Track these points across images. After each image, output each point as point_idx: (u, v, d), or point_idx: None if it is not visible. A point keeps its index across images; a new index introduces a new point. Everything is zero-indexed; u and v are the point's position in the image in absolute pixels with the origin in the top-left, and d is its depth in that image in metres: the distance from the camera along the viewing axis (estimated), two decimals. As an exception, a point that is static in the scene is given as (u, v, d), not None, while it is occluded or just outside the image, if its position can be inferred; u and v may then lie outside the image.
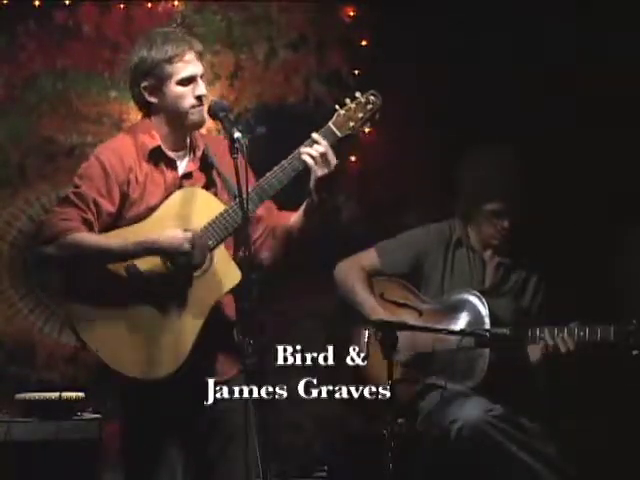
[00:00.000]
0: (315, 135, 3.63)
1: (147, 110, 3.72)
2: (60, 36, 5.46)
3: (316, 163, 3.60)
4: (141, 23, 5.49)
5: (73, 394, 4.74)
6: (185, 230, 3.60)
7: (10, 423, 4.63)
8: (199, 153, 3.73)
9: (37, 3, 5.42)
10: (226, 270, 3.61)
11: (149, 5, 5.52)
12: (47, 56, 5.45)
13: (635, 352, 4.25)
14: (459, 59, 5.50)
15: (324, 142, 3.62)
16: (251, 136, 5.31)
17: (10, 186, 5.43)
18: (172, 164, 3.70)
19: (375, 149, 5.55)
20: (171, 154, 3.70)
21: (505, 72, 5.42)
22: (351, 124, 3.67)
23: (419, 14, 5.54)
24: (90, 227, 3.59)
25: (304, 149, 3.63)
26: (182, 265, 3.59)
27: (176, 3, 5.54)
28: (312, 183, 3.64)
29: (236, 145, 3.48)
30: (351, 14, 5.67)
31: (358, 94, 3.70)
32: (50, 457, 4.58)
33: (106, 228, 3.63)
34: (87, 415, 4.74)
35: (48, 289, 5.34)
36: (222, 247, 3.64)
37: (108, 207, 3.61)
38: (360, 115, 3.68)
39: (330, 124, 3.66)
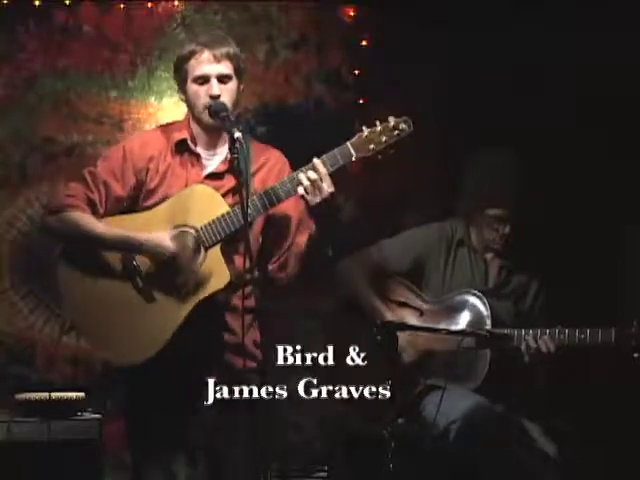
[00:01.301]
0: (316, 160, 3.61)
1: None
2: (60, 36, 5.46)
3: (307, 192, 3.59)
4: (141, 23, 5.49)
5: (73, 394, 4.74)
6: (175, 230, 3.62)
7: (10, 423, 4.63)
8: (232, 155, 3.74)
9: (37, 3, 5.42)
10: (216, 272, 3.62)
11: (149, 5, 5.52)
12: (47, 56, 5.45)
13: (636, 355, 4.25)
14: (459, 59, 5.50)
15: (322, 169, 3.59)
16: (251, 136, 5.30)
17: (10, 186, 5.43)
18: (198, 160, 3.73)
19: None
20: (198, 150, 3.73)
21: (505, 72, 5.42)
22: (371, 147, 3.63)
23: (419, 14, 5.54)
24: (93, 207, 3.66)
25: (300, 174, 3.61)
26: (167, 266, 3.61)
27: (176, 3, 5.54)
28: (306, 209, 3.65)
29: (236, 145, 3.49)
30: (351, 14, 5.67)
31: (391, 118, 3.65)
32: (50, 457, 4.58)
33: (117, 212, 3.69)
34: (87, 415, 4.74)
35: (50, 289, 5.34)
36: (217, 248, 3.64)
37: (118, 190, 3.68)
38: (383, 139, 3.63)
39: (348, 143, 3.63)
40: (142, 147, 3.72)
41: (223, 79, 3.69)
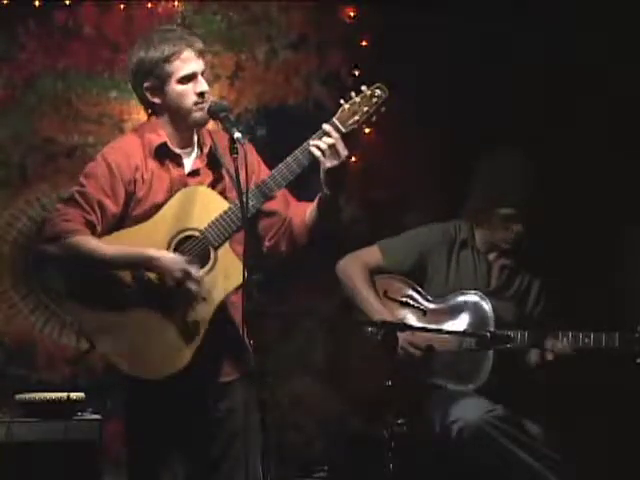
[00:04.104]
0: (326, 126, 3.61)
1: (152, 110, 3.74)
2: (60, 36, 5.46)
3: (324, 155, 3.58)
4: (141, 23, 5.48)
5: (73, 394, 4.74)
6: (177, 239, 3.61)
7: (10, 423, 4.63)
8: (206, 150, 3.73)
9: (37, 3, 5.41)
10: (230, 270, 3.60)
11: (149, 5, 5.52)
12: (47, 56, 5.45)
13: (639, 360, 4.26)
14: (459, 59, 5.50)
15: (335, 134, 3.59)
16: (251, 136, 5.30)
17: (10, 186, 5.42)
18: (178, 161, 3.71)
19: (375, 148, 5.55)
20: (177, 150, 3.71)
21: (505, 72, 5.42)
22: (356, 118, 3.64)
23: (419, 14, 5.54)
24: (93, 228, 3.60)
25: (313, 141, 3.61)
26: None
27: (176, 3, 5.54)
28: (322, 176, 3.62)
29: (236, 145, 3.48)
30: (351, 14, 5.67)
31: (364, 87, 3.67)
32: (50, 457, 4.58)
33: (110, 228, 3.64)
34: (87, 415, 4.74)
35: (50, 290, 5.34)
36: (227, 246, 3.63)
37: (113, 208, 3.62)
38: (365, 109, 3.65)
39: (334, 119, 3.64)
40: (126, 158, 3.66)
41: (202, 74, 3.69)
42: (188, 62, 3.64)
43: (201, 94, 3.64)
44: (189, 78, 3.64)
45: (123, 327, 3.58)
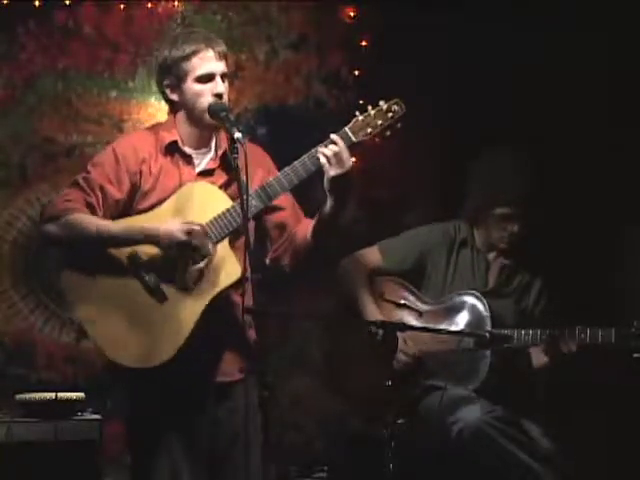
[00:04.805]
0: (333, 136, 3.63)
1: (172, 108, 3.78)
2: (60, 36, 5.46)
3: (329, 162, 3.60)
4: (141, 23, 5.49)
5: (73, 394, 4.74)
6: (185, 222, 3.61)
7: (10, 423, 4.63)
8: (221, 152, 3.75)
9: (37, 3, 5.41)
10: (226, 266, 3.62)
11: (149, 5, 5.52)
12: (47, 56, 5.45)
13: (636, 355, 4.26)
14: (459, 59, 5.50)
15: (341, 143, 3.61)
16: (251, 136, 5.30)
17: (10, 186, 5.42)
18: (189, 160, 3.73)
19: (376, 149, 5.54)
20: (188, 150, 3.73)
21: (505, 72, 5.43)
22: (368, 130, 3.67)
23: (419, 14, 5.54)
24: (93, 211, 3.64)
25: (321, 148, 3.63)
26: (182, 255, 3.59)
27: (176, 3, 5.54)
28: (325, 183, 3.63)
29: (236, 145, 3.49)
30: (351, 14, 5.67)
31: (382, 102, 3.69)
32: (50, 457, 4.58)
33: (113, 216, 3.66)
34: (87, 415, 4.74)
35: (50, 290, 5.34)
36: (225, 243, 3.65)
37: (115, 194, 3.66)
38: (379, 122, 3.67)
39: (346, 128, 3.66)
40: (133, 150, 3.69)
41: (223, 77, 3.70)
42: (207, 62, 3.67)
43: (218, 95, 3.66)
44: (207, 78, 3.68)
45: (114, 311, 3.59)
